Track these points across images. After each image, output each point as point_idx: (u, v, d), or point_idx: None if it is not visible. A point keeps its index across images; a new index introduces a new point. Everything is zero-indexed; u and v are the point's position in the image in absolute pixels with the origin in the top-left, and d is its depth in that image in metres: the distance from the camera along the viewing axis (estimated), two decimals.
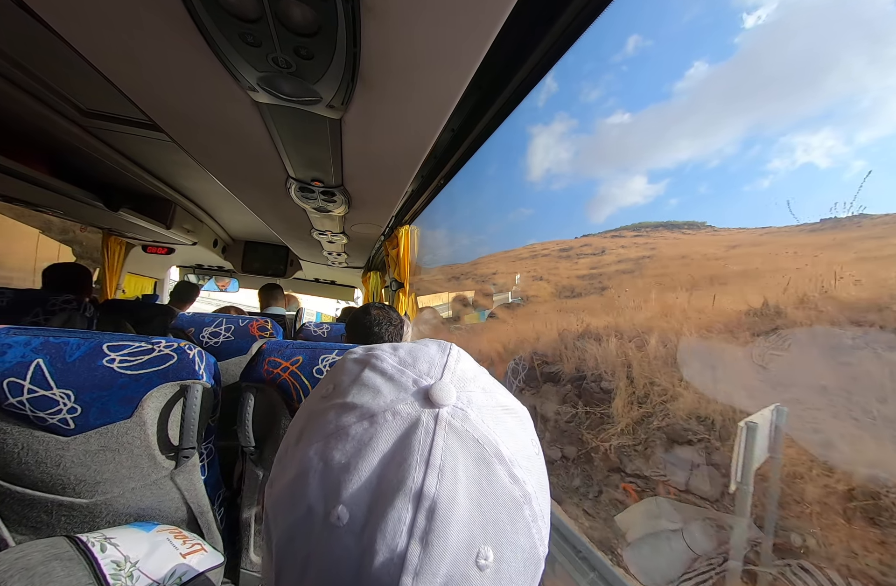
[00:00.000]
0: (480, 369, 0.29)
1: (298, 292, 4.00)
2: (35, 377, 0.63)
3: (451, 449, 0.21)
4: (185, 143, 1.02)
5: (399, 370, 0.26)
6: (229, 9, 0.48)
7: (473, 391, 0.25)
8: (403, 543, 0.19)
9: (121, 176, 1.81)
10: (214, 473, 0.81)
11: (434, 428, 0.22)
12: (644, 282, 6.90)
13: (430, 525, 0.19)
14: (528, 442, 0.25)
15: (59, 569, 0.48)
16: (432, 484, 0.20)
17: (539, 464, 0.25)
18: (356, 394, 0.25)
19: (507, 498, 0.22)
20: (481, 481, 0.21)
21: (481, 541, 0.20)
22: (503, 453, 0.22)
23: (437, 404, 0.23)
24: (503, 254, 12.79)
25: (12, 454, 0.65)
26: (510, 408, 0.26)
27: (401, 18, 0.51)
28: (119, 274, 2.85)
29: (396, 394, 0.24)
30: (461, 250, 28.43)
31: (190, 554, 0.62)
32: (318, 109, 0.72)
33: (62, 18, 0.58)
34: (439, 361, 0.27)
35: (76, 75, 1.10)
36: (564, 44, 0.67)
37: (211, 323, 1.48)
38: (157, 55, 0.64)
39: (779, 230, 6.05)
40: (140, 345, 0.69)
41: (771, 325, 3.21)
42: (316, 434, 0.24)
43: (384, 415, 0.23)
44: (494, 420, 0.24)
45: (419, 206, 1.66)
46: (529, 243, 12.21)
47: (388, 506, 0.20)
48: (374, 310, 1.15)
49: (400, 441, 0.22)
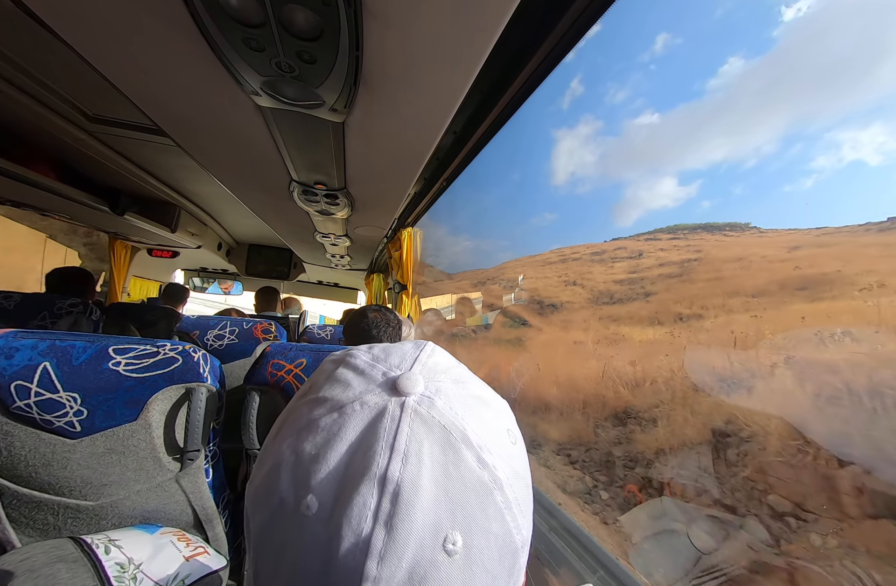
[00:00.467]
0: (456, 363, 0.29)
1: (302, 295, 4.01)
2: (42, 380, 0.64)
3: (417, 434, 0.22)
4: (190, 147, 1.03)
5: (370, 365, 0.26)
6: (233, 14, 0.49)
7: (443, 381, 0.25)
8: (368, 528, 0.19)
9: (126, 180, 1.83)
10: (219, 476, 0.82)
11: (400, 415, 0.22)
12: (697, 287, 6.26)
13: (394, 509, 0.19)
14: (503, 431, 0.25)
15: (64, 571, 0.48)
16: (396, 469, 0.20)
17: (515, 454, 0.25)
18: (328, 389, 0.25)
19: (476, 482, 0.21)
20: (447, 466, 0.21)
21: (448, 526, 0.20)
22: (471, 438, 0.22)
23: (403, 393, 0.23)
24: (529, 259, 12.42)
25: (20, 456, 0.65)
26: (484, 399, 0.26)
27: (402, 22, 0.51)
28: (125, 277, 2.88)
29: (365, 385, 0.24)
30: (473, 253, 28.29)
31: (193, 556, 0.62)
32: (321, 113, 0.72)
33: (69, 26, 0.59)
34: (411, 355, 0.27)
35: (82, 82, 1.11)
36: (566, 45, 0.67)
37: (215, 326, 1.49)
38: (162, 61, 0.65)
39: (838, 230, 5.60)
40: (145, 348, 0.69)
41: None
42: (289, 428, 0.25)
43: (352, 405, 0.23)
44: (464, 407, 0.24)
45: (422, 209, 1.67)
46: (555, 247, 11.96)
47: (353, 493, 0.20)
48: (372, 313, 1.14)
49: (367, 429, 0.22)
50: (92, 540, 0.54)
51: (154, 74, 0.70)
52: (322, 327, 2.05)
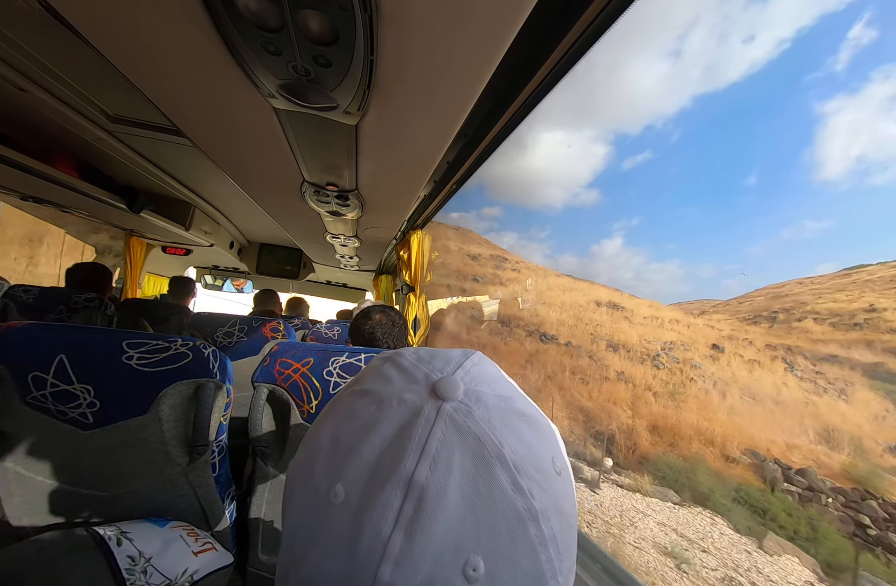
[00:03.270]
0: (503, 376, 0.28)
1: (310, 294, 4.04)
2: (58, 372, 0.65)
3: (448, 441, 0.21)
4: (206, 147, 1.05)
5: (414, 365, 0.26)
6: (253, 19, 0.50)
7: (485, 392, 0.24)
8: (388, 529, 0.19)
9: (143, 179, 1.88)
10: (225, 471, 0.83)
11: (435, 418, 0.22)
12: None
13: (416, 515, 0.19)
14: (547, 458, 0.23)
15: (78, 562, 0.49)
16: (423, 473, 0.20)
17: (559, 486, 0.23)
18: (371, 382, 0.26)
19: (507, 507, 0.20)
20: (477, 481, 0.20)
21: (471, 548, 0.19)
22: (507, 457, 0.21)
23: (441, 397, 0.23)
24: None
25: (35, 445, 0.67)
26: (528, 418, 0.24)
27: (417, 26, 0.52)
28: (140, 273, 2.93)
29: (406, 384, 0.25)
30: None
31: (202, 552, 0.62)
32: (335, 115, 0.74)
33: (95, 30, 0.61)
34: (456, 361, 0.27)
35: (105, 83, 1.15)
36: (581, 48, 0.67)
37: (225, 323, 1.51)
38: (182, 64, 0.67)
39: None
40: (157, 343, 0.71)
41: None
42: (332, 417, 0.26)
43: (391, 400, 0.23)
44: (503, 422, 0.23)
45: (431, 211, 1.68)
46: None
47: (378, 489, 0.20)
48: (377, 315, 1.13)
49: (401, 427, 0.22)
50: (104, 532, 0.55)
51: (174, 77, 0.71)
52: (329, 327, 2.06)
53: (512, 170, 40.57)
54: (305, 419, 0.81)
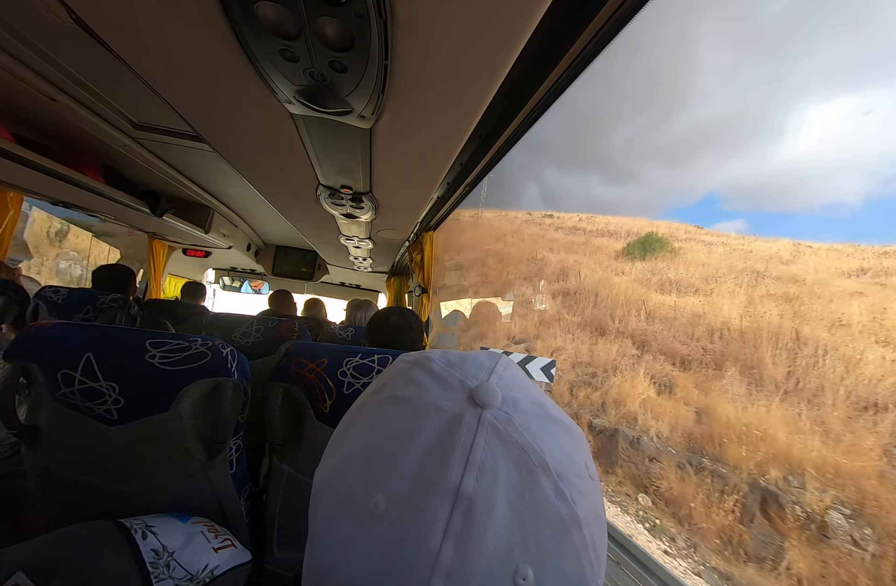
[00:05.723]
0: (531, 382, 0.28)
1: (324, 295, 4.10)
2: (85, 369, 0.68)
3: (493, 451, 0.21)
4: (225, 152, 1.08)
5: (446, 370, 0.26)
6: (271, 28, 0.52)
7: (521, 398, 0.24)
8: (437, 541, 0.18)
9: (165, 183, 1.94)
10: (242, 468, 0.84)
11: (476, 427, 0.21)
12: None
13: (466, 526, 0.18)
14: (581, 463, 0.24)
15: (105, 554, 0.50)
16: (470, 484, 0.19)
17: (594, 490, 0.23)
18: (403, 389, 0.25)
19: (553, 514, 0.20)
20: (523, 490, 0.20)
21: (521, 558, 0.19)
22: (549, 465, 0.21)
23: (480, 404, 0.22)
24: None
25: (63, 440, 0.70)
26: (562, 423, 0.25)
27: (430, 31, 0.52)
28: (162, 275, 3.03)
29: (442, 390, 0.24)
30: None
31: (222, 548, 0.63)
32: (350, 120, 0.75)
33: (121, 41, 0.63)
34: (487, 366, 0.26)
35: (130, 92, 1.19)
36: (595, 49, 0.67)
37: (242, 323, 1.54)
38: (204, 73, 0.69)
39: None
40: (179, 343, 0.73)
41: None
42: (361, 423, 0.25)
43: (428, 409, 0.23)
44: (542, 429, 0.23)
45: (444, 213, 1.68)
46: None
47: (424, 500, 0.19)
48: (395, 317, 1.13)
49: (442, 436, 0.21)
50: (130, 525, 0.56)
51: (195, 85, 0.74)
52: (343, 328, 2.09)
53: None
54: (320, 418, 0.83)
